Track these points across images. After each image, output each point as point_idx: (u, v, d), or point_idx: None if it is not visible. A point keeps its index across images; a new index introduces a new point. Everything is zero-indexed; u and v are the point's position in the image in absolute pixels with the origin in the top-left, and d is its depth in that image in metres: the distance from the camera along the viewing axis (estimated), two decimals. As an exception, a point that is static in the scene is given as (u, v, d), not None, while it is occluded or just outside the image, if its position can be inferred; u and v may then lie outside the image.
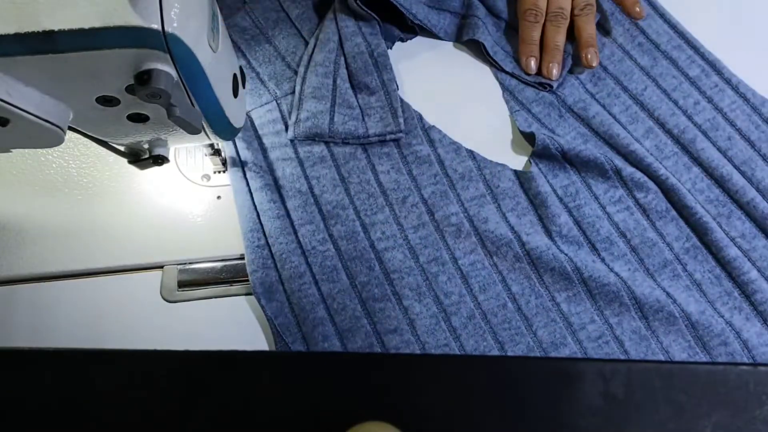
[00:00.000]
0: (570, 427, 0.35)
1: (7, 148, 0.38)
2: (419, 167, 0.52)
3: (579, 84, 0.56)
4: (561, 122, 0.55)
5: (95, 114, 0.37)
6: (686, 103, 0.55)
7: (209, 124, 0.41)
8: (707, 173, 0.53)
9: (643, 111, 0.55)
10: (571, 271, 0.48)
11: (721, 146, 0.53)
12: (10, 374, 0.37)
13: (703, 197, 0.52)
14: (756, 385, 0.36)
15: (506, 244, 0.49)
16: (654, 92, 0.56)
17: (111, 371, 0.37)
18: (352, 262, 0.49)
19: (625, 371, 0.36)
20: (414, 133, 0.53)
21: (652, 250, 0.50)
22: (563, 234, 0.50)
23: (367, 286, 0.48)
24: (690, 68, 0.56)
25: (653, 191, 0.51)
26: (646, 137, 0.54)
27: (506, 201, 0.51)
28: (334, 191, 0.51)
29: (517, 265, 0.49)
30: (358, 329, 0.47)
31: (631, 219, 0.51)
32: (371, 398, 0.37)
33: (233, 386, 0.37)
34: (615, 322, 0.48)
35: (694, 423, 0.35)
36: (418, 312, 0.48)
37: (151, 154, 0.43)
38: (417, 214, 0.50)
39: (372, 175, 0.52)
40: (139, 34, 0.31)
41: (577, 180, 0.52)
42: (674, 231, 0.51)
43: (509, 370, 0.37)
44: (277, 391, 0.37)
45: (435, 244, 0.50)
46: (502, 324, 0.48)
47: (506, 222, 0.51)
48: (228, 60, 0.40)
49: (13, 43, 0.31)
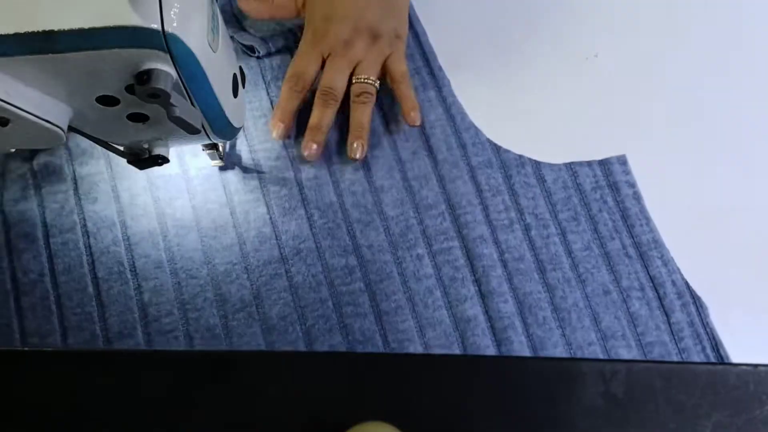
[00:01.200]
0: (570, 427, 0.35)
1: (7, 148, 0.38)
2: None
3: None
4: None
5: (95, 114, 0.37)
6: (389, 110, 0.54)
7: (209, 124, 0.41)
8: (368, 180, 0.52)
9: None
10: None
11: (402, 157, 0.53)
12: (10, 374, 0.37)
13: (351, 200, 0.52)
14: (756, 385, 0.36)
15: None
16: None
17: (111, 371, 0.37)
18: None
19: (625, 371, 0.36)
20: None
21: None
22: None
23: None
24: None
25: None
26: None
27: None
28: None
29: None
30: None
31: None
32: (371, 398, 0.37)
33: (233, 386, 0.37)
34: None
35: (694, 423, 0.35)
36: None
37: (150, 154, 0.43)
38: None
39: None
40: (138, 34, 0.31)
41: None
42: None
43: (509, 370, 0.37)
44: (277, 391, 0.37)
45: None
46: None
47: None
48: (228, 60, 0.40)
49: (13, 43, 0.31)
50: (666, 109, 0.57)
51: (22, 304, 0.48)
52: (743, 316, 0.49)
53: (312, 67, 0.53)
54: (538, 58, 0.58)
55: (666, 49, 0.59)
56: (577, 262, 0.51)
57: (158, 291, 0.48)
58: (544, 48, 0.59)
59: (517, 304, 0.49)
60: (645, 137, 0.55)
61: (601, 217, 0.52)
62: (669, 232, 0.52)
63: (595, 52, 0.58)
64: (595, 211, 0.53)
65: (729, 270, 0.51)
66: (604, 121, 0.56)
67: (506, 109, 0.56)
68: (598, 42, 0.59)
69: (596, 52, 0.58)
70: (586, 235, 0.52)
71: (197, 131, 0.38)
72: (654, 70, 0.58)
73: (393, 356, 0.44)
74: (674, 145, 0.55)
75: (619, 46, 0.59)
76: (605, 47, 0.59)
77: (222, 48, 0.38)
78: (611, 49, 0.59)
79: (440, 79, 0.56)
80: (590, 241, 0.51)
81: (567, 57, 0.58)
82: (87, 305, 0.48)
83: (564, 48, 0.59)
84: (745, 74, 0.57)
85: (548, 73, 0.58)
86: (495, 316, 0.48)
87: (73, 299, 0.48)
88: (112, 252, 0.49)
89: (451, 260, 0.50)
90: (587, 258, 0.51)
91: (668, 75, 0.58)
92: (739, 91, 0.57)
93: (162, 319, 0.48)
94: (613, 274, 0.51)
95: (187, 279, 0.49)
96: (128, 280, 0.49)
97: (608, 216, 0.52)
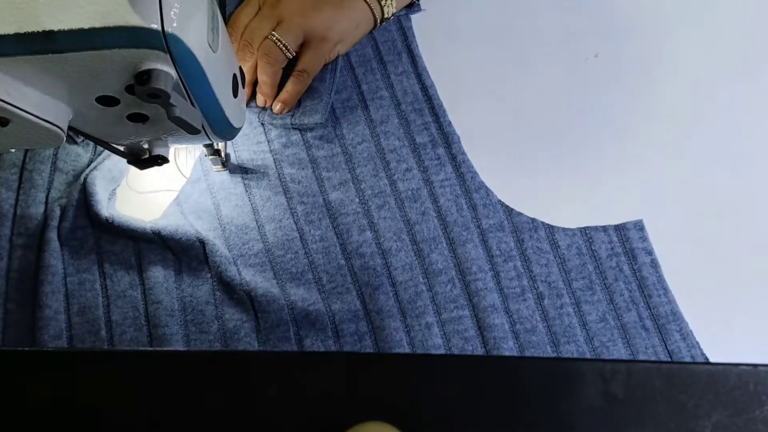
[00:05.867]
0: (570, 427, 0.35)
1: (7, 148, 0.38)
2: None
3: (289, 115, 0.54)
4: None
5: (95, 114, 0.37)
6: (397, 167, 0.53)
7: (209, 124, 0.41)
8: (377, 242, 0.51)
9: (347, 163, 0.53)
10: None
11: (410, 218, 0.51)
12: (10, 374, 0.37)
13: (359, 263, 0.50)
14: (756, 385, 0.35)
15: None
16: (367, 149, 0.53)
17: (110, 371, 0.37)
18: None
19: (625, 371, 0.36)
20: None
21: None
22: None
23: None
24: (420, 134, 0.54)
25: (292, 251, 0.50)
26: (337, 188, 0.52)
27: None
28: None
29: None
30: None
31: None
32: (371, 398, 0.37)
33: (233, 386, 0.37)
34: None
35: (694, 423, 0.35)
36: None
37: (150, 154, 0.43)
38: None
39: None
40: (139, 34, 0.31)
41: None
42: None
43: (509, 370, 0.37)
44: (276, 391, 0.37)
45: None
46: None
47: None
48: (228, 60, 0.40)
49: (13, 43, 0.31)
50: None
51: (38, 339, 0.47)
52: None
53: (245, 17, 0.52)
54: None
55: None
56: (592, 335, 0.49)
57: (168, 341, 0.47)
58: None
59: None
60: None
61: (617, 286, 0.50)
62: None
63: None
64: (611, 280, 0.50)
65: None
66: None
67: (517, 166, 0.54)
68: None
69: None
70: (601, 306, 0.49)
71: (197, 131, 0.38)
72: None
73: (393, 356, 0.44)
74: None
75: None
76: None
77: (222, 48, 0.38)
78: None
79: (450, 135, 0.54)
80: (606, 312, 0.49)
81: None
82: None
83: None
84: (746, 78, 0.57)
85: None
86: None
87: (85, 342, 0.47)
88: (129, 296, 0.48)
89: (461, 330, 0.48)
90: (602, 330, 0.49)
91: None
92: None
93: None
94: (630, 348, 0.48)
95: (197, 333, 0.48)
96: (142, 326, 0.48)
97: (624, 285, 0.50)
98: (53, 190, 0.51)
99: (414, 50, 0.57)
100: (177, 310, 0.48)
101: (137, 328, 0.48)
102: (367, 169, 0.53)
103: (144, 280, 0.49)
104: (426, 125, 0.54)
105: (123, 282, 0.49)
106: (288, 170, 0.53)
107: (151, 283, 0.48)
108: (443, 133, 0.54)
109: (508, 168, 0.54)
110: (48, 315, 0.47)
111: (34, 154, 0.51)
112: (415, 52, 0.57)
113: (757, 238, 0.53)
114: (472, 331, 0.48)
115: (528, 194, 0.53)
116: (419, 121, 0.54)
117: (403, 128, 0.54)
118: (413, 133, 0.54)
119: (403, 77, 0.56)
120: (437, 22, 0.59)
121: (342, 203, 0.52)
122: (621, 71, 0.58)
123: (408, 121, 0.54)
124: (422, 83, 0.56)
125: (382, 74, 0.56)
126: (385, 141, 0.54)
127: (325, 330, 0.48)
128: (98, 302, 0.48)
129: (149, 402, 0.36)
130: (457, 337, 0.48)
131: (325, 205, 0.52)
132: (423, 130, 0.54)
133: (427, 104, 0.55)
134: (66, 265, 0.49)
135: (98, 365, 0.37)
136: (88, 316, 0.48)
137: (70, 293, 0.48)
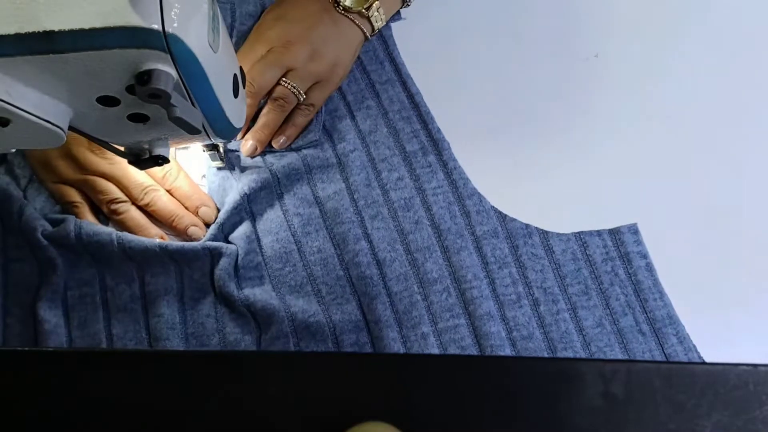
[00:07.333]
0: (570, 427, 0.35)
1: (7, 148, 0.38)
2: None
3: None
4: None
5: (95, 114, 0.37)
6: (389, 176, 0.52)
7: (209, 124, 0.41)
8: (372, 253, 0.50)
9: (341, 173, 0.52)
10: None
11: (404, 228, 0.51)
12: (10, 374, 0.37)
13: (356, 273, 0.49)
14: (756, 385, 0.36)
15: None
16: (359, 157, 0.53)
17: (110, 371, 0.37)
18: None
19: (625, 371, 0.36)
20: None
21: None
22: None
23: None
24: (410, 142, 0.54)
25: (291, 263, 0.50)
26: (332, 198, 0.52)
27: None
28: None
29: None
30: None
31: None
32: (371, 398, 0.37)
33: (233, 386, 0.37)
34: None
35: (694, 423, 0.35)
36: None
37: (151, 154, 0.43)
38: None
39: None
40: (139, 34, 0.31)
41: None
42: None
43: (509, 371, 0.37)
44: (277, 391, 0.37)
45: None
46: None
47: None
48: (228, 60, 0.40)
49: (13, 43, 0.31)
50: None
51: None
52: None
53: (249, 62, 0.51)
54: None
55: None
56: (588, 341, 0.48)
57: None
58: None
59: None
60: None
61: (612, 291, 0.50)
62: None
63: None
64: (606, 284, 0.50)
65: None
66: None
67: (509, 171, 0.54)
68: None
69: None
70: (597, 311, 0.49)
71: (198, 131, 0.38)
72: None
73: (393, 356, 0.44)
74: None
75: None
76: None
77: (222, 48, 0.38)
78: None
79: (439, 141, 0.53)
80: (602, 317, 0.49)
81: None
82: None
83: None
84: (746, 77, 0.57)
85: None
86: None
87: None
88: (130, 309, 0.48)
89: (458, 339, 0.48)
90: (599, 336, 0.48)
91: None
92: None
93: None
94: (627, 352, 0.48)
95: (198, 346, 0.47)
96: (143, 339, 0.47)
97: (620, 290, 0.50)
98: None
99: (396, 58, 0.57)
100: (178, 323, 0.48)
101: (138, 342, 0.47)
102: (360, 178, 0.52)
103: (145, 294, 0.48)
104: (415, 133, 0.54)
105: (124, 295, 0.48)
106: (283, 181, 0.52)
107: (152, 297, 0.48)
108: (433, 140, 0.54)
109: (501, 173, 0.54)
110: (48, 329, 0.46)
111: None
112: (398, 60, 0.57)
113: (751, 240, 0.52)
114: (469, 339, 0.48)
115: (521, 199, 0.52)
116: (408, 129, 0.54)
117: (393, 137, 0.54)
118: (403, 142, 0.54)
119: (388, 86, 0.56)
120: (422, 27, 0.58)
121: (337, 212, 0.51)
122: (621, 71, 0.58)
123: (396, 129, 0.54)
124: (408, 91, 0.55)
125: (366, 84, 0.56)
126: (375, 150, 0.53)
127: (326, 341, 0.48)
128: (99, 316, 0.48)
129: (149, 402, 0.36)
130: (453, 346, 0.48)
131: (321, 216, 0.51)
132: (412, 138, 0.54)
133: (415, 111, 0.55)
134: (66, 278, 0.48)
135: (98, 365, 0.37)
136: (89, 329, 0.47)
137: (70, 307, 0.48)
